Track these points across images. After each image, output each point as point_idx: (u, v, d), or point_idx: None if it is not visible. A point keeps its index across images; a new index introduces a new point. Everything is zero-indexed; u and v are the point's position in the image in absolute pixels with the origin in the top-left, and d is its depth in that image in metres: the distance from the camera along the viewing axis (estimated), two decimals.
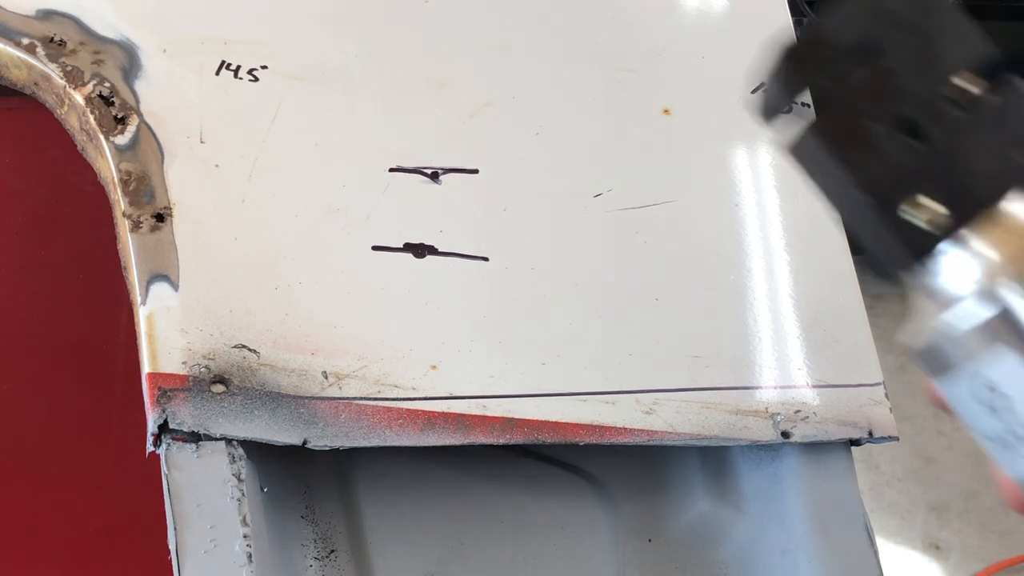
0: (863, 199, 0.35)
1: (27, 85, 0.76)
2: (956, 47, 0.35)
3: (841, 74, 0.35)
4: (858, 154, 0.34)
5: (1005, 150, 0.34)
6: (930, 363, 0.36)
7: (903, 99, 0.35)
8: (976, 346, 0.33)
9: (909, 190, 0.34)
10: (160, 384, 0.66)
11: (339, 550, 0.76)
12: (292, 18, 0.84)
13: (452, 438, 0.72)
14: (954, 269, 0.34)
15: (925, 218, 0.34)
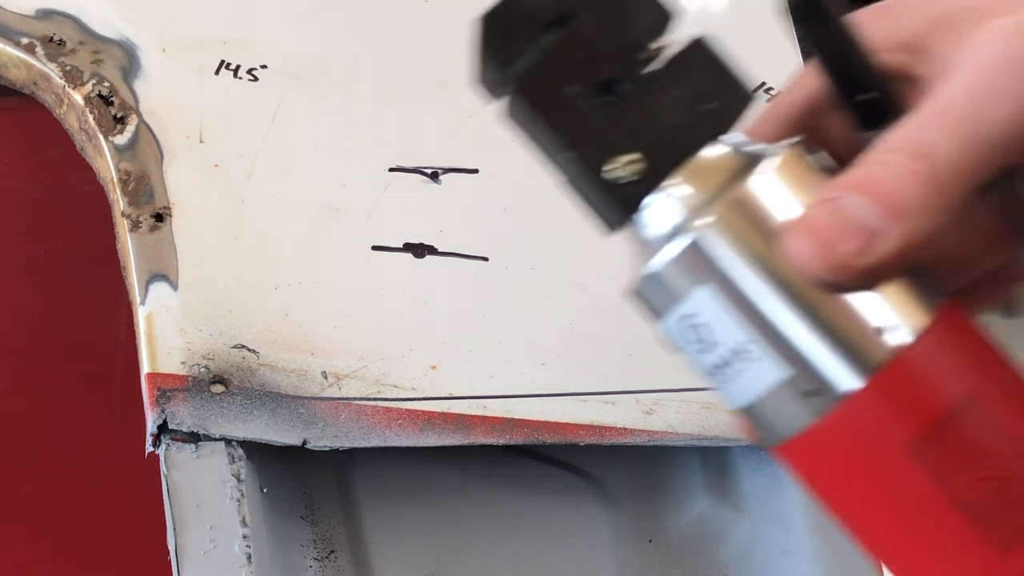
0: (570, 160, 0.37)
1: (26, 85, 0.76)
2: (645, 10, 0.37)
3: (538, 40, 0.37)
4: (559, 116, 0.36)
5: (695, 103, 0.37)
6: (648, 305, 0.38)
7: (599, 61, 0.37)
8: (674, 284, 0.36)
9: (612, 149, 0.36)
10: (159, 384, 0.66)
11: (339, 550, 0.75)
12: (292, 17, 0.84)
13: (452, 438, 0.72)
14: (657, 217, 0.37)
15: (629, 174, 0.36)
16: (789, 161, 0.36)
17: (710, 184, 0.36)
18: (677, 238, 0.36)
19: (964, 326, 0.37)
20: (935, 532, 0.35)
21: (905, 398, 0.35)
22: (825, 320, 0.35)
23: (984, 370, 0.36)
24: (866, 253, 0.33)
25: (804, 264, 0.34)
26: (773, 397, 0.36)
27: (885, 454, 0.35)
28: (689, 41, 0.38)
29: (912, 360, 0.35)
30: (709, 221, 0.35)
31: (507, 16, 0.38)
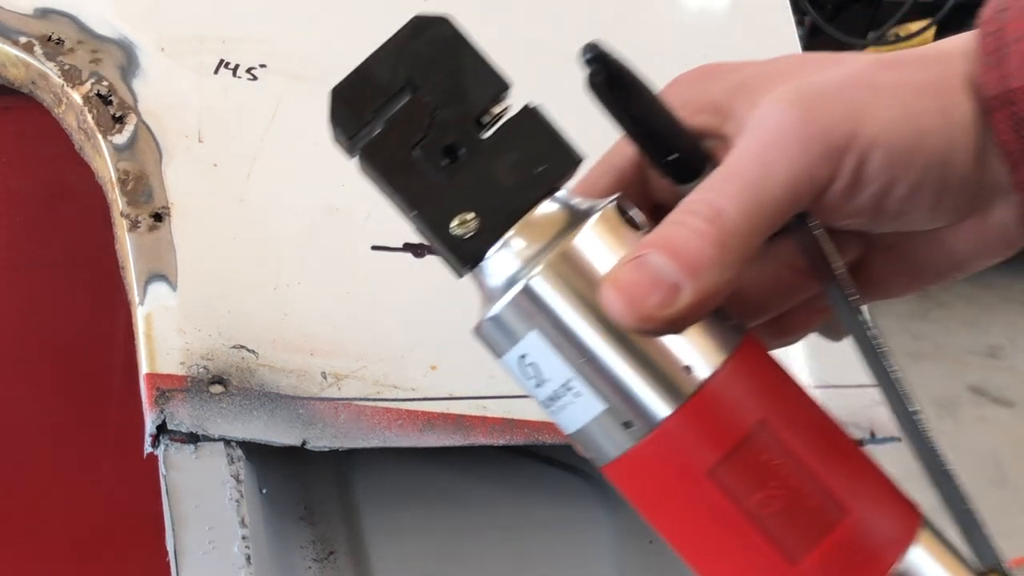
0: (415, 218, 0.42)
1: (24, 84, 0.75)
2: (482, 80, 0.42)
3: (385, 109, 0.42)
4: (403, 181, 0.41)
5: (527, 165, 0.42)
6: (489, 347, 0.43)
7: (440, 129, 0.41)
8: (510, 327, 0.41)
9: (451, 209, 0.41)
10: (158, 384, 0.66)
11: (338, 551, 0.75)
12: (291, 16, 0.83)
13: (452, 439, 0.72)
14: (497, 267, 0.41)
15: (466, 231, 0.41)
16: (605, 218, 0.41)
17: (539, 239, 0.41)
18: (512, 287, 0.40)
19: (758, 360, 0.42)
20: (736, 546, 0.41)
21: (705, 428, 0.40)
22: (636, 361, 0.40)
23: (773, 399, 0.42)
24: (668, 306, 0.38)
25: (616, 315, 0.39)
26: (596, 426, 0.41)
27: (691, 477, 0.40)
28: (521, 108, 0.42)
29: (711, 394, 0.40)
30: (537, 272, 0.40)
31: (355, 89, 0.42)
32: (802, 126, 0.41)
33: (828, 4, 3.18)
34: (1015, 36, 0.41)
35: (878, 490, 0.43)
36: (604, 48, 0.41)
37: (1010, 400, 3.24)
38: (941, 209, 0.43)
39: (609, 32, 0.92)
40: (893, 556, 0.41)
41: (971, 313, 3.60)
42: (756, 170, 0.40)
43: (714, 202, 0.40)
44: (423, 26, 0.43)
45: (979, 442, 3.04)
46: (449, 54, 0.43)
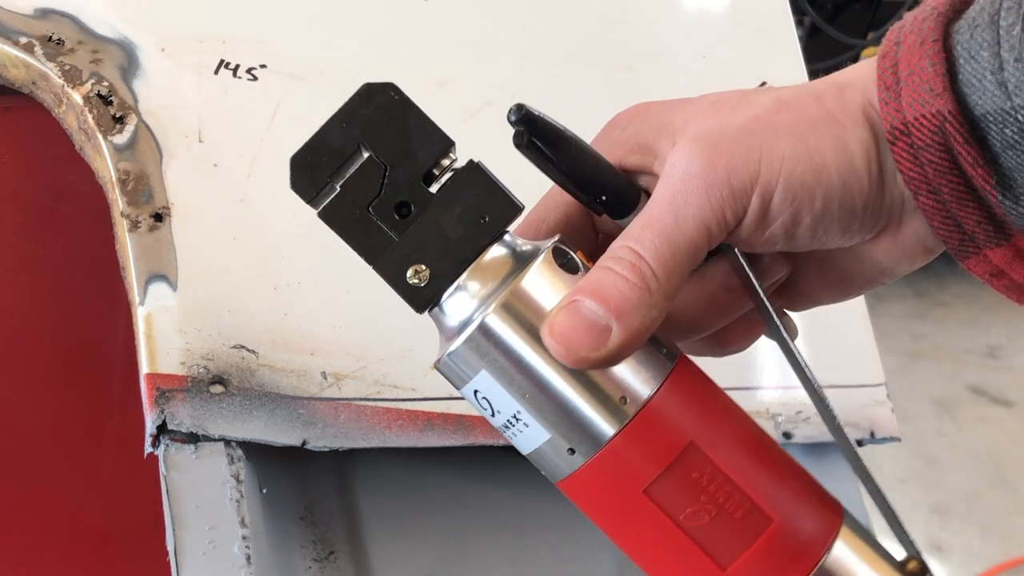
0: (375, 269, 0.46)
1: (25, 84, 0.75)
2: (426, 141, 0.46)
3: (340, 172, 0.46)
4: (360, 238, 0.46)
5: (473, 216, 0.46)
6: (449, 380, 0.47)
7: (393, 187, 0.45)
8: (464, 365, 0.45)
9: (409, 260, 0.46)
10: (158, 385, 0.66)
11: (338, 551, 0.75)
12: (291, 17, 0.83)
13: (452, 439, 0.72)
14: (451, 313, 0.46)
15: (425, 280, 0.46)
16: (543, 265, 0.45)
17: (487, 283, 0.45)
18: (463, 330, 0.45)
19: (689, 384, 0.47)
20: (674, 554, 0.46)
21: (640, 451, 0.45)
22: (576, 395, 0.45)
23: (702, 421, 0.46)
24: (600, 347, 0.43)
25: (555, 356, 0.43)
26: (545, 450, 0.46)
27: (630, 494, 0.45)
28: (465, 164, 0.46)
29: (645, 420, 0.45)
30: (483, 316, 0.44)
31: (311, 155, 0.46)
32: (707, 173, 0.45)
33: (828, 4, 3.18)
34: (907, 71, 0.44)
35: (801, 495, 0.47)
36: (528, 109, 0.46)
37: (1009, 400, 3.24)
38: (852, 230, 0.47)
39: (609, 32, 0.92)
40: (816, 555, 0.46)
41: (971, 313, 3.60)
42: (669, 218, 0.44)
43: (635, 249, 0.44)
44: (372, 93, 0.46)
45: (978, 442, 3.04)
46: (397, 117, 0.46)
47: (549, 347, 0.43)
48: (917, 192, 0.45)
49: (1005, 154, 0.43)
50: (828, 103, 0.46)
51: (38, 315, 0.81)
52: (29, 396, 0.81)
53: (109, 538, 0.82)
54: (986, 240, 0.45)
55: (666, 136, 0.48)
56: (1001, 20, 0.42)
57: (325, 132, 0.46)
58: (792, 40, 0.97)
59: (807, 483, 0.48)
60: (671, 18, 0.95)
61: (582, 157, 0.48)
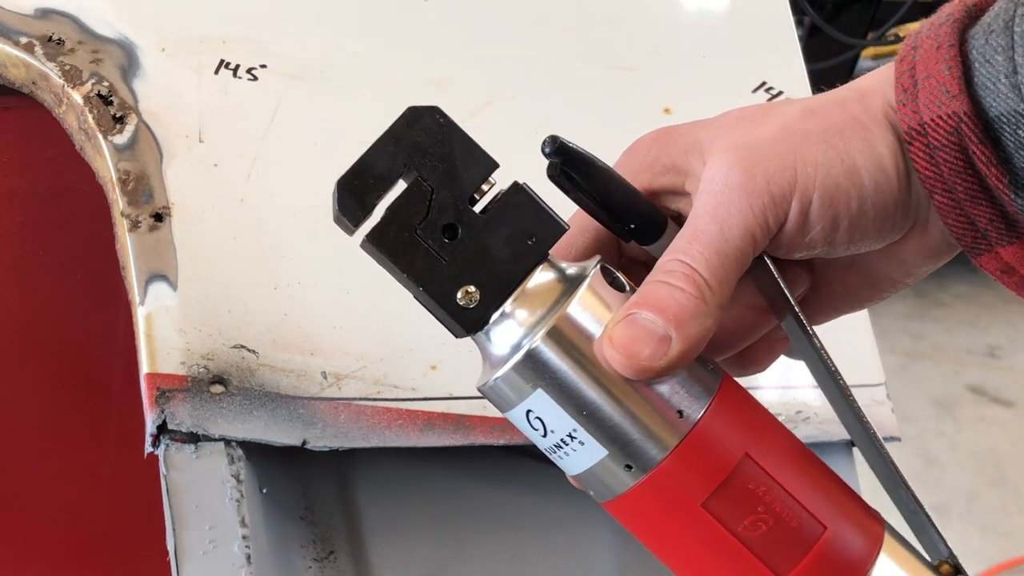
0: (420, 294, 0.46)
1: (25, 84, 0.75)
2: (472, 163, 0.46)
3: (387, 196, 0.45)
4: (406, 261, 0.46)
5: (518, 237, 0.46)
6: (495, 403, 0.47)
7: (439, 210, 0.45)
8: (516, 387, 0.45)
9: (457, 282, 0.46)
10: (159, 384, 0.66)
11: (338, 551, 0.75)
12: (291, 17, 0.83)
13: (452, 439, 0.72)
14: (501, 334, 0.46)
15: (475, 302, 0.46)
16: (595, 283, 0.46)
17: (538, 304, 0.46)
18: (517, 351, 0.45)
19: (737, 397, 0.48)
20: (731, 567, 0.46)
21: (698, 464, 0.45)
22: (634, 410, 0.45)
23: (754, 432, 0.47)
24: (661, 355, 0.44)
25: (616, 367, 0.44)
26: (598, 469, 0.46)
27: (687, 509, 0.45)
28: (511, 186, 0.46)
29: (702, 434, 0.45)
30: (540, 336, 0.44)
31: (358, 179, 0.45)
32: (746, 182, 0.46)
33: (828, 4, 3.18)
34: (924, 74, 0.46)
35: (847, 504, 0.48)
36: (563, 141, 0.46)
37: (1009, 400, 3.24)
38: (885, 230, 0.49)
39: (609, 33, 0.92)
40: (868, 560, 0.47)
41: (970, 313, 3.60)
42: (715, 229, 0.46)
43: (686, 261, 0.45)
44: (416, 116, 0.46)
45: (978, 442, 3.04)
46: (442, 140, 0.46)
47: (610, 359, 0.44)
48: (932, 190, 0.47)
49: (1018, 154, 0.44)
50: (852, 109, 0.48)
51: (38, 315, 0.81)
52: (29, 396, 0.81)
53: (109, 538, 0.82)
54: (998, 238, 0.47)
55: (694, 154, 0.49)
56: (1016, 26, 0.43)
57: (371, 155, 0.46)
58: (792, 40, 0.97)
59: (848, 490, 0.49)
60: (671, 18, 0.95)
61: (612, 186, 0.49)
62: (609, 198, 0.49)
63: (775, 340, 0.56)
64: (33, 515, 0.81)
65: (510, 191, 0.46)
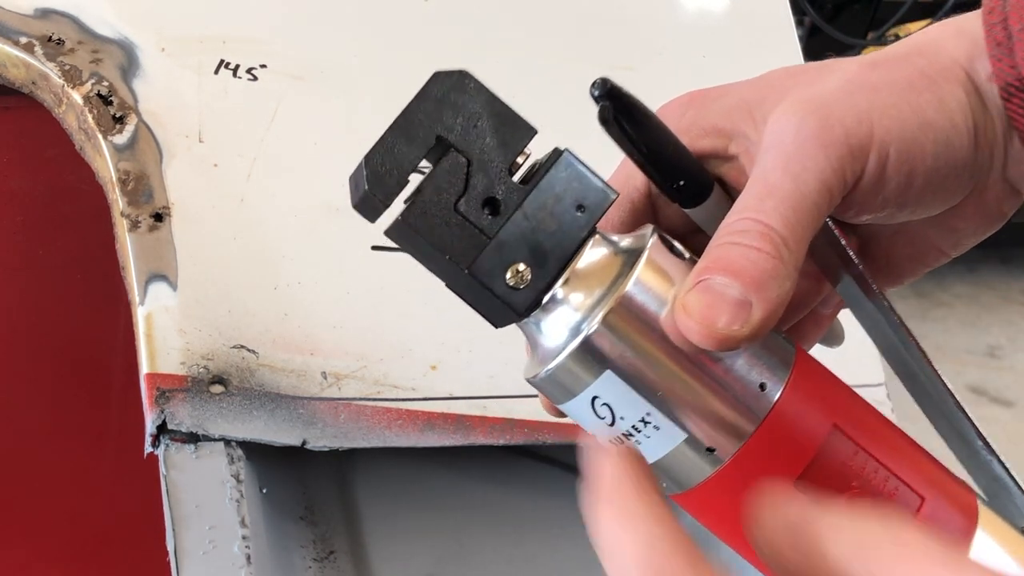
0: (463, 275, 0.41)
1: (25, 84, 0.75)
2: (509, 129, 0.41)
3: (420, 170, 0.40)
4: (450, 239, 0.41)
5: (566, 209, 0.41)
6: (552, 393, 0.42)
7: (478, 183, 0.41)
8: (577, 373, 0.41)
9: (505, 261, 0.41)
10: (158, 384, 0.66)
11: (338, 551, 0.75)
12: (291, 17, 0.83)
13: (452, 439, 0.72)
14: (554, 316, 0.41)
15: (526, 281, 0.41)
16: (656, 252, 0.41)
17: (596, 280, 0.41)
18: (576, 333, 0.40)
19: (813, 367, 0.43)
20: None
21: (787, 440, 0.41)
22: (714, 386, 0.41)
23: (838, 403, 0.43)
24: (741, 322, 0.39)
25: (694, 339, 0.39)
26: (676, 456, 0.42)
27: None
28: (552, 153, 0.42)
29: (787, 407, 0.41)
30: (604, 314, 0.40)
31: (386, 154, 0.40)
32: (822, 133, 0.42)
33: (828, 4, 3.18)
34: (1019, 26, 0.43)
35: (939, 472, 0.44)
36: (613, 83, 0.42)
37: (1009, 400, 3.24)
38: (950, 191, 0.45)
39: (609, 32, 0.92)
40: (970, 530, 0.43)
41: (971, 313, 3.60)
42: (789, 183, 0.41)
43: (759, 219, 0.41)
44: (444, 82, 0.42)
45: None
46: (474, 106, 0.42)
47: (685, 330, 0.39)
48: None
49: None
50: (916, 63, 0.45)
51: (38, 315, 0.81)
52: (29, 396, 0.81)
53: (109, 538, 0.82)
54: None
55: (740, 113, 0.45)
56: None
57: (399, 127, 0.41)
58: (792, 40, 0.97)
59: (934, 459, 0.45)
60: (671, 18, 0.95)
61: (664, 137, 0.44)
62: (661, 150, 0.44)
63: (822, 315, 0.52)
64: (33, 515, 0.81)
65: (552, 158, 0.42)
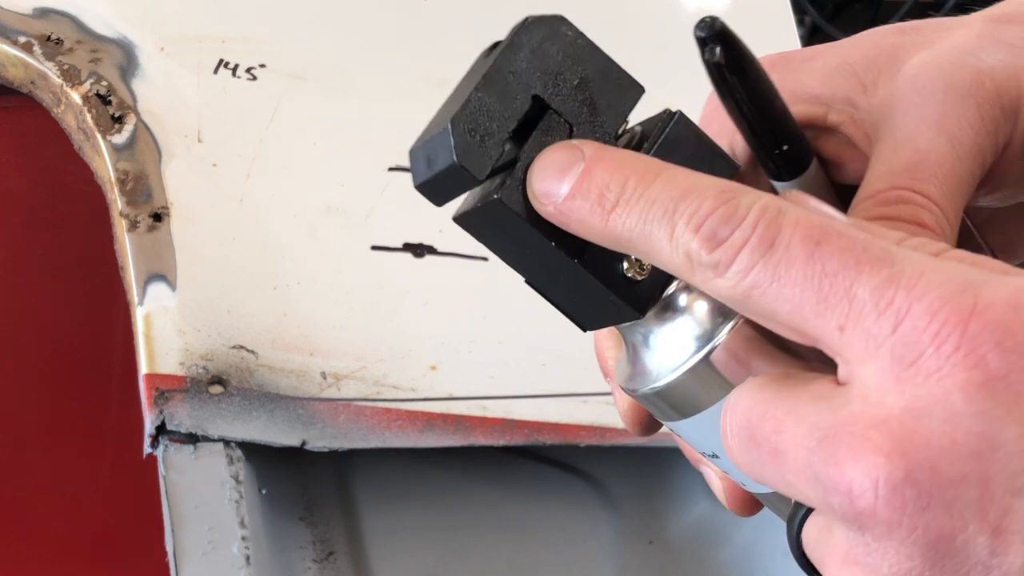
0: (571, 266, 0.33)
1: (23, 84, 0.75)
2: (614, 89, 0.35)
3: (515, 138, 0.33)
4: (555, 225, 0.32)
5: None
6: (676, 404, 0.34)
7: None
8: (708, 385, 0.33)
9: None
10: (157, 385, 0.66)
11: (338, 552, 0.75)
12: (291, 16, 0.83)
13: (451, 439, 0.72)
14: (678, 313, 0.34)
15: (647, 271, 0.33)
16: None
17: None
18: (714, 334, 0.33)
19: None
20: None
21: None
22: None
23: None
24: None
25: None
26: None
27: None
28: (664, 115, 0.35)
29: None
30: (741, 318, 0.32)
31: (476, 121, 0.33)
32: (975, 89, 0.36)
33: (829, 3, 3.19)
34: None
35: None
36: (723, 24, 0.34)
37: None
38: None
39: (608, 32, 0.92)
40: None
41: None
42: (944, 145, 0.35)
43: (916, 187, 0.34)
44: (538, 31, 0.35)
45: None
46: (575, 61, 0.35)
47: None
48: None
49: None
50: None
51: (37, 315, 0.81)
52: (28, 396, 0.81)
53: (107, 539, 0.82)
54: None
55: (844, 76, 0.39)
56: None
57: (490, 84, 0.34)
58: (793, 40, 0.97)
59: None
60: (671, 18, 0.95)
61: (773, 94, 0.36)
62: (769, 107, 0.36)
63: None
64: (32, 516, 0.81)
65: (668, 121, 0.35)
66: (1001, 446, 0.26)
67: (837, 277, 0.27)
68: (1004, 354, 0.26)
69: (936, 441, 0.26)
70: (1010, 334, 0.26)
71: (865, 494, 0.26)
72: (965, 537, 0.26)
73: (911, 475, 0.26)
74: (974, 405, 0.26)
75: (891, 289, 0.27)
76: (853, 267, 0.27)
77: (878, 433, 0.26)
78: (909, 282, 0.27)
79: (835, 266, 0.27)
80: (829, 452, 0.27)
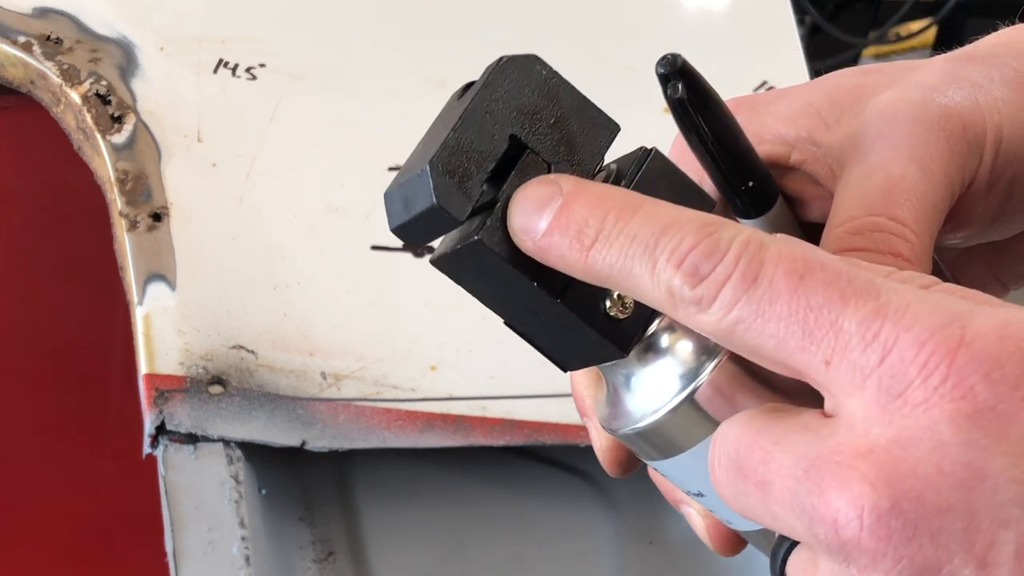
0: (553, 306, 0.32)
1: (23, 83, 0.75)
2: (590, 127, 0.35)
3: (493, 179, 0.33)
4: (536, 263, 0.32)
5: None
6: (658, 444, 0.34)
7: None
8: (692, 424, 0.33)
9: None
10: (157, 385, 0.66)
11: (338, 552, 0.75)
12: (290, 16, 0.83)
13: (451, 439, 0.72)
14: (661, 351, 0.34)
15: (629, 308, 0.33)
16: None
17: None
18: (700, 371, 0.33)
19: None
20: None
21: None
22: None
23: None
24: None
25: None
26: None
27: None
28: (640, 152, 0.35)
29: None
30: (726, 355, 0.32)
31: (455, 161, 0.32)
32: (944, 122, 0.36)
33: (829, 3, 3.18)
34: None
35: None
36: (685, 60, 0.35)
37: None
38: None
39: (608, 32, 0.92)
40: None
41: None
42: (915, 172, 0.35)
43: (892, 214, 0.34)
44: (513, 71, 0.35)
45: None
46: (550, 100, 0.35)
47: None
48: None
49: None
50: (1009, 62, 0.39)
51: (37, 315, 0.81)
52: (28, 396, 0.81)
53: (107, 539, 0.82)
54: None
55: (807, 117, 0.39)
56: None
57: (467, 125, 0.33)
58: (793, 39, 0.97)
59: None
60: (671, 18, 0.95)
61: (737, 130, 0.37)
62: (734, 143, 0.37)
63: None
64: (31, 516, 0.81)
65: (644, 158, 0.35)
66: (988, 476, 0.25)
67: (822, 311, 0.27)
68: (992, 385, 0.25)
69: (923, 471, 0.25)
70: (998, 365, 0.25)
71: (850, 524, 0.26)
72: (951, 569, 0.25)
73: (897, 505, 0.25)
74: (962, 435, 0.25)
75: (878, 321, 0.26)
76: (838, 300, 0.27)
77: (864, 462, 0.26)
78: (896, 314, 0.26)
79: (820, 300, 0.27)
80: (815, 482, 0.27)
